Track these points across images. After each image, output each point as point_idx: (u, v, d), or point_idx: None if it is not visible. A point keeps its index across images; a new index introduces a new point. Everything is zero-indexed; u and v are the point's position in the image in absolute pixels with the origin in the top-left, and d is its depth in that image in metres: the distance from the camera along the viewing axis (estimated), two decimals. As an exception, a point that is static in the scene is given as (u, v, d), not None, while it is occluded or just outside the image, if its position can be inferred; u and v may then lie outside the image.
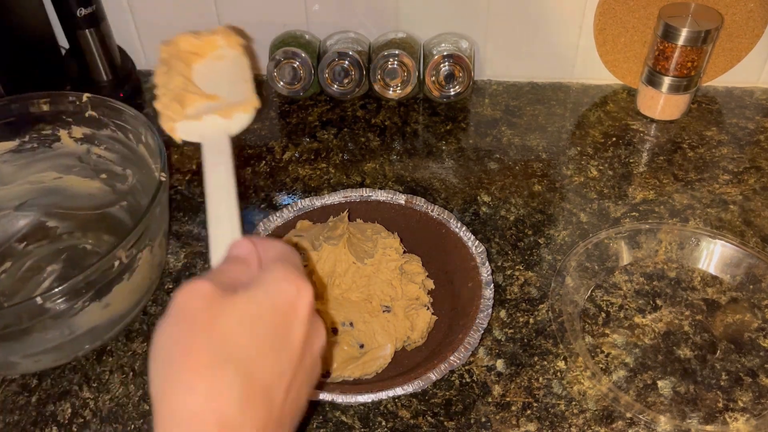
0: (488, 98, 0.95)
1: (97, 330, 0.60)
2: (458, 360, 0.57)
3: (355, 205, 0.71)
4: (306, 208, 0.71)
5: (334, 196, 0.71)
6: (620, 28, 0.88)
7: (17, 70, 0.87)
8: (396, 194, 0.71)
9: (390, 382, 0.57)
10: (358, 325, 0.61)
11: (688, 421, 0.57)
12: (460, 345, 0.58)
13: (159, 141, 0.64)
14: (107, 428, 0.58)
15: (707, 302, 0.67)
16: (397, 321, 0.62)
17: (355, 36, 0.93)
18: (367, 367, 0.59)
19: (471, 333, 0.59)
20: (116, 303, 0.60)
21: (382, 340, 0.61)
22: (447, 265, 0.67)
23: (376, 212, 0.71)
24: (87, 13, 0.88)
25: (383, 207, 0.71)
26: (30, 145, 0.70)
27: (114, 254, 0.55)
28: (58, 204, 0.74)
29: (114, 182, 0.73)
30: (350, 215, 0.71)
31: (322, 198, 0.71)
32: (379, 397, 0.54)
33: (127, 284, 0.59)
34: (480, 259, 0.64)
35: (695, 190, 0.79)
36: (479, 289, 0.62)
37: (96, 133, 0.70)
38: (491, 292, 0.62)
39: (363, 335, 0.61)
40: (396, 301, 0.63)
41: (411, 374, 0.57)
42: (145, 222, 0.57)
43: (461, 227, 0.67)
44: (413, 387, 0.55)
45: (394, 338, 0.61)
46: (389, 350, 0.60)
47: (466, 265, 0.65)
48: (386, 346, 0.60)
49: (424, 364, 0.58)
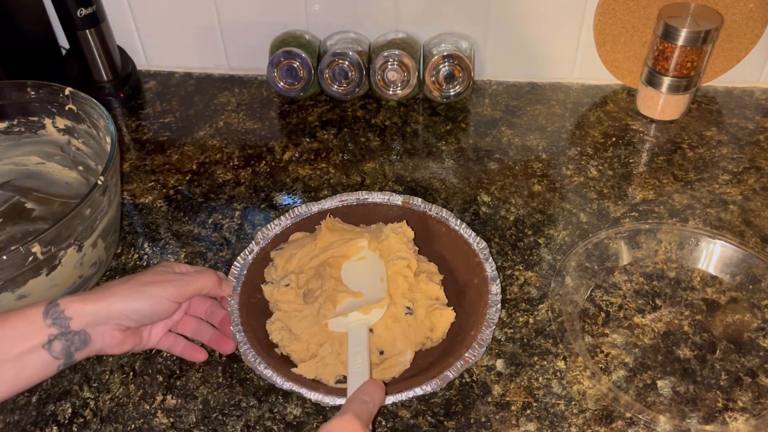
0: (488, 98, 0.95)
1: None
2: (473, 357, 0.57)
3: (352, 209, 0.71)
4: (303, 215, 0.70)
5: (330, 201, 0.71)
6: (620, 28, 0.88)
7: (17, 69, 0.87)
8: (393, 195, 0.71)
9: (407, 382, 0.56)
10: (379, 331, 0.61)
11: (688, 421, 0.57)
12: (473, 341, 0.58)
13: (113, 144, 0.64)
14: (107, 428, 0.58)
15: (707, 302, 0.67)
16: (417, 324, 0.62)
17: (355, 36, 0.93)
18: (386, 372, 0.59)
19: (483, 329, 0.59)
20: (35, 296, 0.60)
21: (403, 347, 0.60)
22: (450, 262, 0.67)
23: (373, 214, 0.71)
24: (87, 14, 0.88)
25: (381, 209, 0.71)
26: (18, 128, 0.74)
27: (28, 249, 0.55)
28: (37, 188, 0.77)
29: (88, 175, 0.75)
30: (347, 218, 0.70)
31: (319, 203, 0.71)
32: (399, 399, 0.54)
33: (45, 279, 0.59)
34: (483, 255, 0.65)
35: (695, 190, 0.79)
36: (486, 285, 0.62)
37: (76, 126, 0.73)
38: (498, 287, 0.62)
39: (383, 341, 0.60)
40: (417, 302, 0.63)
41: (428, 373, 0.57)
42: (67, 222, 0.57)
43: (461, 224, 0.67)
44: (432, 387, 0.55)
45: (414, 343, 0.61)
46: (409, 356, 0.60)
47: (470, 262, 0.65)
48: (406, 352, 0.60)
49: (439, 363, 0.58)
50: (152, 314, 0.56)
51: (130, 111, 0.95)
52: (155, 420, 0.58)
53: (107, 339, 0.55)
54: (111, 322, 0.54)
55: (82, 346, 0.53)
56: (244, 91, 0.98)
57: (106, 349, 0.56)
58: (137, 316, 0.55)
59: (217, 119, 0.93)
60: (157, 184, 0.82)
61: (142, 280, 0.57)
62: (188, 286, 0.58)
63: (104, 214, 0.63)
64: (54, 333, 0.52)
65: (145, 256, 0.73)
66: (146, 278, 0.57)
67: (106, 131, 0.67)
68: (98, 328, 0.54)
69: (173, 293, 0.57)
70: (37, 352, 0.51)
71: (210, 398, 0.60)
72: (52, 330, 0.52)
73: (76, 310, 0.53)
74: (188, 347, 0.62)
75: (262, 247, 0.67)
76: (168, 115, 0.94)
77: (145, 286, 0.56)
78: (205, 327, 0.63)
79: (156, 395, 0.60)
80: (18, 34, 0.89)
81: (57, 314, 0.52)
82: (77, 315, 0.53)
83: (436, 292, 0.64)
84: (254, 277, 0.65)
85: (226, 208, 0.78)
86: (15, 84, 0.72)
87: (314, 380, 0.58)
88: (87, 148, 0.73)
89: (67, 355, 0.53)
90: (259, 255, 0.67)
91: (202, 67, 1.01)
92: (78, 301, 0.53)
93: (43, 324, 0.52)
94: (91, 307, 0.53)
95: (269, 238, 0.68)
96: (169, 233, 0.75)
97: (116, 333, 0.55)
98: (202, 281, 0.59)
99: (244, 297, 0.63)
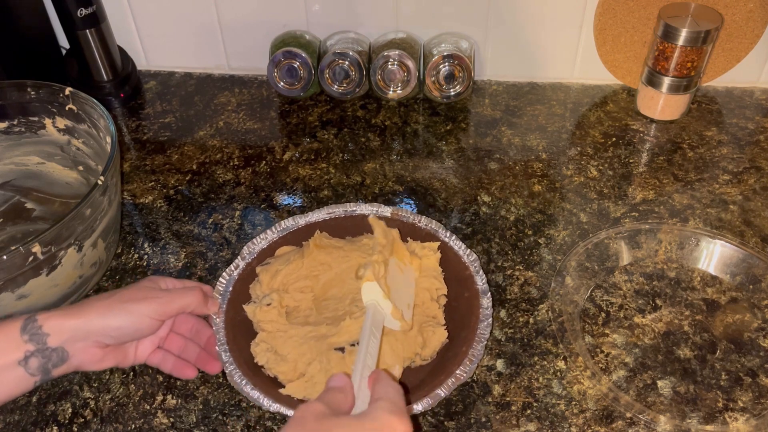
0: (488, 98, 0.95)
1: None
2: (464, 374, 0.56)
3: (339, 221, 0.69)
4: (290, 228, 0.68)
5: (317, 213, 0.69)
6: (620, 28, 0.88)
7: (17, 69, 0.87)
8: (381, 207, 0.69)
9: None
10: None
11: (688, 421, 0.57)
12: (464, 358, 0.57)
13: (114, 144, 0.64)
14: (108, 428, 0.58)
15: (707, 302, 0.67)
16: (407, 339, 0.60)
17: (355, 36, 0.93)
18: None
19: (474, 345, 0.58)
20: (35, 296, 0.60)
21: (391, 361, 0.58)
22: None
23: (361, 226, 0.69)
24: (87, 14, 0.88)
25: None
26: (18, 128, 0.74)
27: (28, 249, 0.55)
28: (37, 188, 0.77)
29: (88, 175, 0.75)
30: (335, 231, 0.69)
31: (306, 216, 0.69)
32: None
33: (46, 279, 0.59)
34: (474, 267, 0.63)
35: (695, 190, 0.79)
36: (477, 299, 0.61)
37: (76, 126, 0.73)
38: (489, 301, 0.61)
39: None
40: (413, 317, 0.61)
41: (419, 392, 0.56)
42: (67, 222, 0.57)
43: (451, 236, 0.66)
44: (422, 406, 0.54)
45: (402, 358, 0.59)
46: (398, 371, 0.58)
47: (460, 275, 0.64)
48: (395, 367, 0.58)
49: (430, 381, 0.57)
50: (134, 332, 0.55)
51: (130, 111, 0.95)
52: (155, 420, 0.58)
53: (86, 356, 0.54)
54: (90, 339, 0.53)
55: (59, 362, 0.52)
56: (244, 91, 0.98)
57: (85, 366, 0.55)
58: (117, 333, 0.54)
59: (217, 119, 0.93)
60: (157, 184, 0.82)
61: (124, 296, 0.55)
62: (171, 304, 0.57)
63: (104, 214, 0.63)
64: (31, 349, 0.51)
65: (145, 256, 0.73)
66: (129, 294, 0.56)
67: (107, 131, 0.67)
68: (77, 345, 0.53)
69: (156, 310, 0.55)
70: (13, 368, 0.51)
71: (210, 398, 0.60)
72: (29, 346, 0.51)
73: (53, 326, 0.52)
74: (177, 364, 0.60)
75: (248, 262, 0.65)
76: (168, 115, 0.94)
77: (127, 302, 0.55)
78: (192, 346, 0.61)
79: (156, 395, 0.60)
80: (18, 34, 0.89)
81: (34, 330, 0.51)
82: (55, 331, 0.52)
83: (435, 311, 0.63)
84: (240, 294, 0.64)
85: (227, 208, 0.78)
86: (15, 84, 0.72)
87: (303, 400, 0.57)
88: (87, 148, 0.73)
89: (44, 372, 0.52)
90: (245, 271, 0.65)
91: (202, 67, 1.02)
92: (56, 316, 0.52)
93: (20, 340, 0.51)
94: (69, 323, 0.52)
95: (255, 253, 0.66)
96: (169, 233, 0.75)
97: (95, 350, 0.54)
98: (186, 299, 0.58)
99: (230, 315, 0.61)
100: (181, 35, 0.98)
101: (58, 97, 0.71)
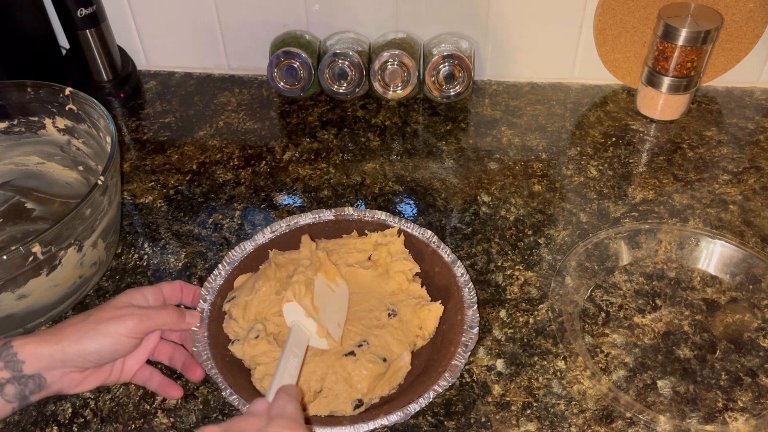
0: (488, 98, 0.95)
1: (13, 319, 0.61)
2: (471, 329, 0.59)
3: (286, 237, 0.68)
4: (239, 257, 0.66)
5: (262, 235, 0.68)
6: (620, 28, 0.88)
7: (17, 69, 0.87)
8: (322, 212, 0.69)
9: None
10: (371, 340, 0.60)
11: (688, 421, 0.57)
12: (463, 325, 0.59)
13: (114, 144, 0.64)
14: (108, 428, 0.58)
15: (707, 302, 0.67)
16: (404, 325, 0.61)
17: (355, 36, 0.93)
18: (393, 380, 0.59)
19: (466, 310, 0.60)
20: (35, 296, 0.60)
21: (398, 349, 0.60)
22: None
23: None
24: (87, 14, 0.88)
25: (315, 228, 0.69)
26: (18, 128, 0.74)
27: (28, 249, 0.55)
28: (37, 188, 0.77)
29: (88, 175, 0.75)
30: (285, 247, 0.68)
31: (253, 241, 0.67)
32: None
33: (46, 279, 0.59)
34: (434, 243, 0.66)
35: (695, 190, 0.79)
36: (449, 269, 0.64)
37: (76, 126, 0.73)
38: (462, 269, 0.63)
39: (380, 349, 0.59)
40: (401, 303, 0.63)
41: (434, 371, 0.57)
42: (67, 222, 0.57)
43: (400, 221, 0.68)
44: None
45: (406, 344, 0.60)
46: (407, 358, 0.59)
47: (424, 253, 0.67)
48: (403, 354, 0.59)
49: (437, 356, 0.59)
50: (112, 353, 0.54)
51: (130, 111, 0.95)
52: (155, 420, 0.58)
53: (65, 381, 0.53)
54: (67, 365, 0.52)
55: (37, 389, 0.52)
56: (244, 91, 0.98)
57: (66, 390, 0.54)
58: (95, 357, 0.53)
59: (217, 119, 0.93)
60: (157, 184, 0.82)
61: (99, 316, 0.54)
62: (148, 322, 0.55)
63: (104, 214, 0.63)
64: (6, 377, 0.50)
65: (145, 256, 0.73)
66: (103, 314, 0.54)
67: (107, 131, 0.67)
68: (54, 372, 0.52)
69: (132, 329, 0.54)
70: None
71: (210, 398, 0.60)
72: (4, 374, 0.50)
73: (29, 353, 0.51)
74: (163, 383, 0.59)
75: (212, 302, 0.62)
76: (168, 115, 0.94)
77: (102, 323, 0.53)
78: (180, 351, 0.60)
79: (156, 395, 0.60)
80: (18, 34, 0.89)
81: (9, 357, 0.50)
82: (30, 358, 0.51)
83: (418, 291, 0.64)
84: (218, 337, 0.61)
85: (226, 208, 0.78)
86: (15, 84, 0.72)
87: (331, 416, 0.56)
88: (87, 148, 0.73)
89: (22, 399, 0.51)
90: (213, 312, 0.62)
91: (202, 67, 1.02)
92: (32, 343, 0.51)
93: None
94: (44, 350, 0.51)
95: (215, 291, 0.63)
96: (169, 233, 0.75)
97: (74, 375, 0.53)
98: (162, 317, 0.57)
99: (218, 359, 0.59)
100: (181, 35, 0.98)
101: (58, 97, 0.71)
